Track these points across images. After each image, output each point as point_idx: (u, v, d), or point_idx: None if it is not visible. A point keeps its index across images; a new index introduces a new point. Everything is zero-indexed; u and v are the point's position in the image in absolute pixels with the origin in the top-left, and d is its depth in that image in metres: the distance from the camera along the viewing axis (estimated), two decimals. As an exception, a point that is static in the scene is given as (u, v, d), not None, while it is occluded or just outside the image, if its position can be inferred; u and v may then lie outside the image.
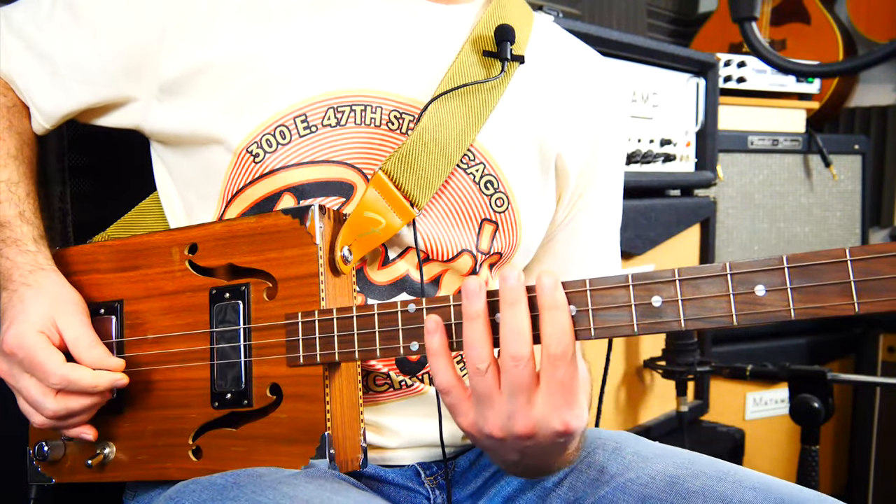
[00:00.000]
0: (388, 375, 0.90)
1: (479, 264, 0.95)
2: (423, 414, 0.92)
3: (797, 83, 2.41)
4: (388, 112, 0.89)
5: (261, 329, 0.83)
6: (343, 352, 0.79)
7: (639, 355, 1.94)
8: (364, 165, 0.89)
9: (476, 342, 0.69)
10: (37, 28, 0.94)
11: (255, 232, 0.84)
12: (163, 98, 0.91)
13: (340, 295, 0.83)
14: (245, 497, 0.74)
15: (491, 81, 0.91)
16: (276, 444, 0.82)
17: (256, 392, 0.83)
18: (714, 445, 2.07)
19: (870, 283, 0.59)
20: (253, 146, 0.87)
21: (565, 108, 0.99)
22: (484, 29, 0.93)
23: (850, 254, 0.60)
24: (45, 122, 0.96)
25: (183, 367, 0.88)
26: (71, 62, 0.93)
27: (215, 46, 0.88)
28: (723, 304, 0.64)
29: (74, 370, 0.83)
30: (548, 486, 0.92)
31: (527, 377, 0.68)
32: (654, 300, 0.67)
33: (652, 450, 0.91)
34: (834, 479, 2.55)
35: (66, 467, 0.94)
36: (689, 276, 0.66)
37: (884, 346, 2.44)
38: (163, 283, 0.89)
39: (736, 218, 2.31)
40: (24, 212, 0.91)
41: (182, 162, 0.94)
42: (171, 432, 0.87)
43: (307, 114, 0.87)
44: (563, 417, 0.69)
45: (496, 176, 0.93)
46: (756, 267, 0.63)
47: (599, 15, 2.78)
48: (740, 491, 0.81)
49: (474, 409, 0.71)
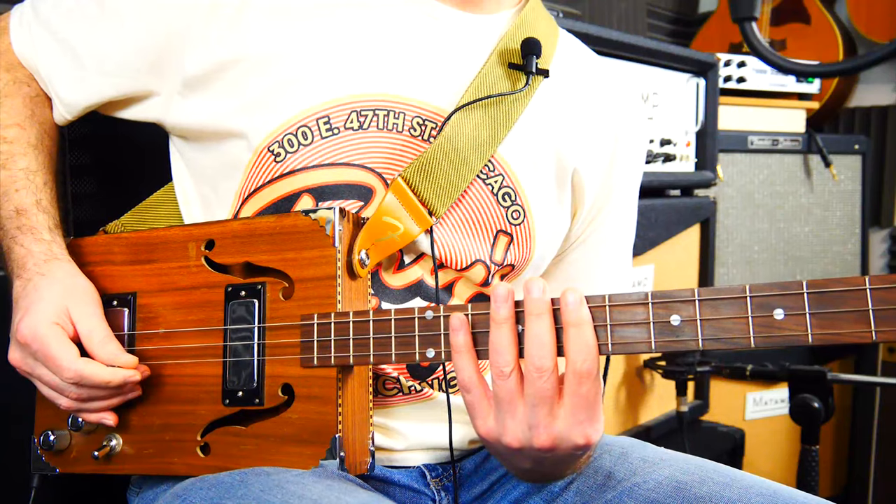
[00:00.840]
0: (398, 380, 0.90)
1: (491, 275, 0.95)
2: (432, 419, 0.93)
3: (797, 83, 2.41)
4: (412, 118, 0.89)
5: (276, 329, 0.83)
6: (358, 355, 0.79)
7: (639, 355, 1.94)
8: (385, 170, 0.89)
9: (502, 347, 0.70)
10: (62, 18, 0.94)
11: (274, 231, 0.84)
12: (185, 93, 0.91)
13: (356, 298, 0.84)
14: (253, 496, 0.74)
15: (515, 94, 0.91)
16: (285, 444, 0.82)
17: (268, 391, 0.83)
18: (714, 445, 2.07)
19: (888, 312, 0.60)
20: (275, 145, 0.87)
21: (584, 125, 0.99)
22: (511, 41, 0.93)
23: (869, 283, 0.61)
24: (67, 113, 0.96)
25: (194, 362, 0.87)
26: (95, 54, 0.93)
27: (241, 43, 0.88)
28: (741, 326, 0.65)
29: (88, 366, 0.83)
30: (554, 490, 0.92)
31: (550, 389, 0.69)
32: (672, 319, 0.67)
33: (658, 455, 0.91)
34: (834, 479, 2.55)
35: (70, 457, 0.94)
36: (709, 296, 0.66)
37: (884, 346, 2.44)
38: (177, 278, 0.89)
39: (736, 218, 2.31)
40: (41, 200, 0.91)
41: (201, 157, 0.94)
42: (179, 427, 0.87)
43: (330, 115, 0.87)
44: (585, 432, 0.70)
45: (514, 188, 0.93)
46: (775, 291, 0.64)
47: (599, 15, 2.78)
48: (747, 497, 0.81)
49: (494, 414, 0.72)
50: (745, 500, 0.80)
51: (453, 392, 0.95)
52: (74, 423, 0.91)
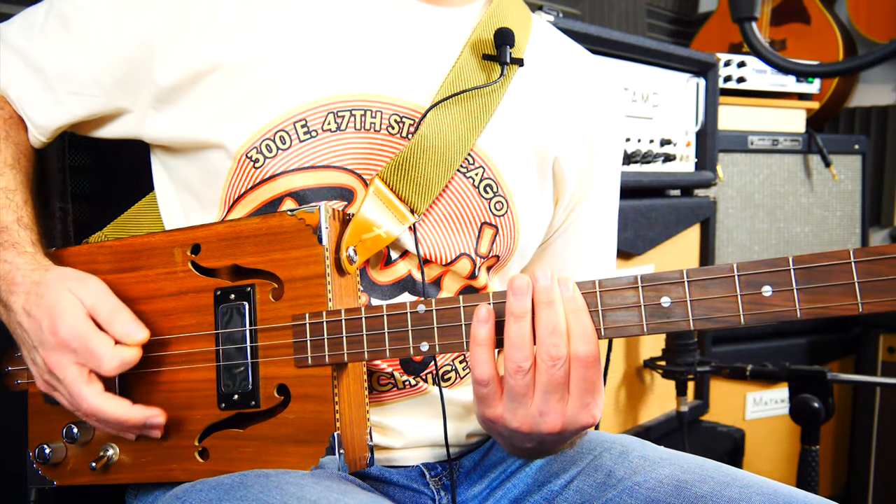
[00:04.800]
0: (391, 375, 0.91)
1: (477, 267, 0.95)
2: (427, 414, 0.93)
3: (797, 83, 2.41)
4: (388, 117, 0.89)
5: (267, 330, 0.83)
6: (352, 353, 0.79)
7: (639, 355, 1.94)
8: (364, 171, 0.89)
9: (522, 341, 0.70)
10: (29, 41, 0.94)
11: (259, 232, 0.84)
12: (158, 107, 0.91)
13: (346, 295, 0.84)
14: (252, 497, 0.74)
15: (490, 86, 0.91)
16: (284, 444, 0.82)
17: (264, 393, 0.83)
18: (714, 445, 2.07)
19: (873, 283, 0.61)
20: (252, 151, 0.87)
21: (563, 112, 0.99)
22: (483, 32, 0.93)
23: (854, 255, 0.62)
24: (41, 136, 0.96)
25: (187, 368, 0.87)
26: (62, 74, 0.93)
27: (213, 53, 0.87)
28: (730, 305, 0.66)
29: (123, 350, 0.83)
30: (555, 488, 0.92)
31: (562, 376, 0.70)
32: (663, 301, 0.68)
33: (659, 454, 0.91)
34: (834, 479, 2.55)
35: (67, 470, 0.93)
36: (698, 277, 0.67)
37: (884, 346, 2.44)
38: (165, 284, 0.89)
39: (736, 218, 2.31)
40: (21, 217, 0.91)
41: (183, 166, 0.94)
42: (175, 434, 0.87)
43: (307, 119, 0.87)
44: (592, 412, 0.72)
45: (495, 180, 0.93)
46: (763, 268, 0.65)
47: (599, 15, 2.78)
48: (747, 496, 0.81)
49: (504, 403, 0.73)
50: (746, 499, 0.81)
51: (446, 386, 0.95)
52: (69, 434, 0.91)
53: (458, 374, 0.97)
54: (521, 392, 0.71)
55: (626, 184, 1.74)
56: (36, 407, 0.96)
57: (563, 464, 0.94)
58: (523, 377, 0.70)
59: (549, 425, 0.72)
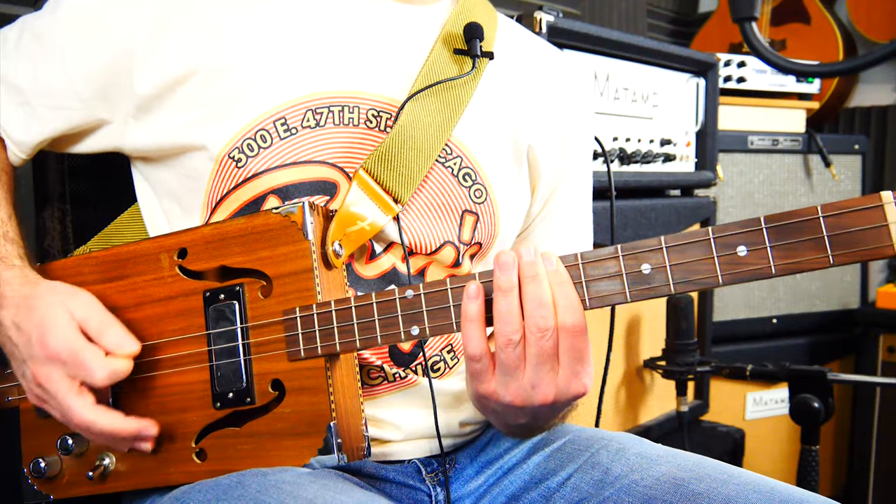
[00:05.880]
0: (381, 368, 0.92)
1: (461, 255, 0.97)
2: (418, 405, 0.94)
3: (797, 83, 2.41)
4: (366, 111, 0.91)
5: (259, 327, 0.84)
6: (344, 342, 0.80)
7: (639, 355, 1.94)
8: (346, 164, 0.90)
9: (511, 315, 0.72)
10: (3, 59, 0.94)
11: (245, 232, 0.85)
12: (139, 116, 0.91)
13: (334, 288, 0.84)
14: (250, 496, 0.75)
15: (463, 77, 0.93)
16: (281, 438, 0.82)
17: (258, 389, 0.83)
18: (714, 445, 2.07)
19: (841, 236, 0.64)
20: (234, 151, 0.88)
21: (533, 102, 1.02)
22: (453, 27, 0.96)
23: (821, 210, 0.65)
24: (21, 153, 0.96)
25: (179, 371, 0.87)
26: (40, 90, 0.93)
27: (191, 57, 0.88)
28: (708, 267, 0.69)
29: (114, 362, 0.83)
30: (552, 485, 0.92)
31: (552, 347, 0.72)
32: (643, 268, 0.71)
33: (656, 451, 0.92)
34: (834, 479, 2.55)
35: (63, 482, 0.93)
36: (676, 242, 0.70)
37: (884, 346, 2.44)
38: (153, 290, 0.89)
39: (736, 218, 2.29)
40: (7, 232, 0.92)
41: (164, 174, 0.94)
42: (171, 437, 0.87)
43: (286, 117, 0.88)
44: (582, 381, 0.74)
45: (473, 168, 0.96)
46: (736, 229, 0.68)
47: (599, 15, 2.78)
48: (744, 494, 0.81)
49: (497, 378, 0.75)
50: (743, 497, 0.81)
51: (436, 376, 0.96)
52: (64, 446, 0.90)
53: (446, 364, 0.98)
54: (513, 365, 0.73)
55: (626, 184, 1.75)
56: (28, 423, 0.95)
57: (560, 461, 0.94)
58: (514, 350, 0.72)
59: (541, 397, 0.74)
